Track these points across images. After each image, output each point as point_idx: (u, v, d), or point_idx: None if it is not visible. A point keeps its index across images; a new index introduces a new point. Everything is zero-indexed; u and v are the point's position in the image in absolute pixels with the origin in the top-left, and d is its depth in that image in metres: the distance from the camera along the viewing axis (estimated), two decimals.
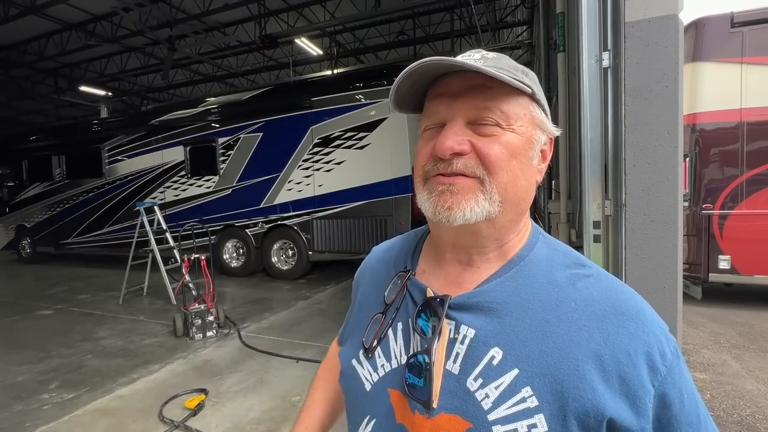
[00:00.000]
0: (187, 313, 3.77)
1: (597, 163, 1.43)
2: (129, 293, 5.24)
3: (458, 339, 0.46)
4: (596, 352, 0.42)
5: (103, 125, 8.03)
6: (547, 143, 0.50)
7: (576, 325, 0.44)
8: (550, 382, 0.42)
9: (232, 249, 6.64)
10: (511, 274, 0.48)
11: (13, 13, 9.17)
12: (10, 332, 4.07)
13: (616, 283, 0.48)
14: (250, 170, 6.24)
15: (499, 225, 0.47)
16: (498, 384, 0.43)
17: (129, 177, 7.25)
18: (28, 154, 8.44)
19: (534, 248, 0.50)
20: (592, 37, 1.39)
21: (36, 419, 2.43)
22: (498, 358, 0.44)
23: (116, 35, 10.46)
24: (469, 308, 0.47)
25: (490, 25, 9.99)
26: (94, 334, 3.95)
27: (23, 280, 6.98)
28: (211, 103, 6.81)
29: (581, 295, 0.45)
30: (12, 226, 8.66)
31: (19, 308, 4.94)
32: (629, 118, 1.33)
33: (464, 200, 0.44)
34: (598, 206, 1.45)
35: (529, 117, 0.47)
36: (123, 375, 3.00)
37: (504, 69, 0.45)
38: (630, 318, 0.44)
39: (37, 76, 13.30)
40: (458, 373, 0.45)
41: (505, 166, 0.45)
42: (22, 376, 3.04)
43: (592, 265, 0.49)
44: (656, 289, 1.35)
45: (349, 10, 9.43)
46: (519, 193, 0.47)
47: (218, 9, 9.39)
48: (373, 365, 0.52)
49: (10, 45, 11.18)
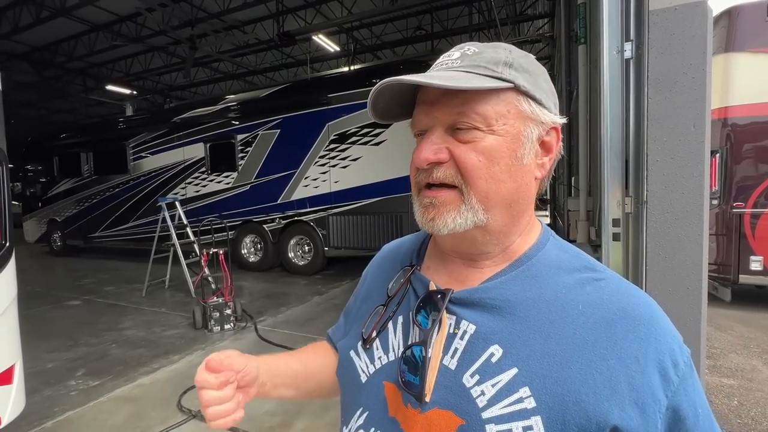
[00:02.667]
0: (206, 306, 3.86)
1: (617, 158, 1.37)
2: (151, 286, 5.41)
3: (458, 334, 0.45)
4: (602, 356, 0.40)
5: (127, 123, 8.30)
6: (551, 134, 0.47)
7: (582, 328, 0.42)
8: (550, 384, 0.40)
9: (250, 244, 6.77)
10: (518, 273, 0.46)
11: (45, 15, 9.56)
12: (42, 321, 4.26)
13: (628, 287, 0.45)
14: (267, 166, 6.33)
15: (494, 230, 0.46)
16: (495, 382, 0.41)
17: (152, 173, 7.47)
18: (58, 151, 8.81)
19: (543, 249, 0.48)
20: (614, 27, 1.34)
21: (63, 404, 2.54)
22: (497, 355, 0.42)
23: (140, 35, 10.76)
24: (471, 304, 0.46)
25: (510, 18, 9.79)
26: (119, 325, 4.10)
27: (54, 271, 7.30)
28: (230, 100, 6.93)
29: (589, 298, 0.43)
30: (44, 220, 9.07)
31: (50, 298, 5.18)
32: (652, 111, 1.27)
33: (446, 212, 0.44)
34: (617, 203, 1.39)
35: (514, 112, 0.44)
36: (144, 364, 3.11)
37: (481, 66, 0.43)
38: (641, 323, 0.41)
39: (67, 76, 13.84)
40: (455, 369, 0.44)
41: (483, 174, 0.43)
42: (52, 363, 3.19)
43: (605, 269, 0.47)
44: (679, 290, 1.29)
45: (366, 6, 9.41)
46: (505, 197, 0.44)
47: (238, 7, 9.53)
48: (370, 357, 0.51)
49: (42, 46, 11.66)
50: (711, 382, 2.77)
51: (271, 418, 2.34)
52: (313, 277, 6.13)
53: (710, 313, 3.32)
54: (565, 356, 0.41)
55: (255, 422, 2.30)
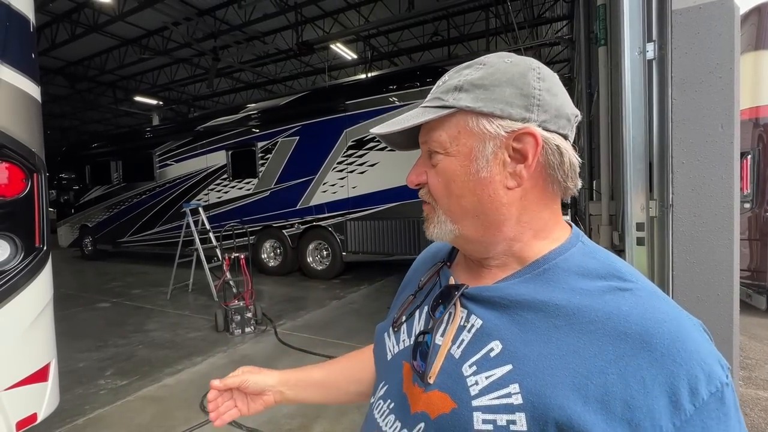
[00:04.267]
0: (228, 309, 3.95)
1: (640, 161, 1.34)
2: (176, 289, 5.57)
3: (467, 327, 0.49)
4: (602, 369, 0.39)
5: (153, 132, 8.62)
6: (522, 139, 0.45)
7: (588, 338, 0.41)
8: (540, 385, 0.41)
9: (269, 249, 6.88)
10: (532, 275, 0.47)
11: (79, 32, 10.08)
12: (74, 322, 4.45)
13: (660, 302, 0.42)
14: (287, 173, 6.44)
15: (472, 238, 0.50)
16: (489, 374, 0.44)
17: (177, 180, 7.72)
18: (90, 160, 9.22)
19: (565, 254, 0.48)
20: (635, 28, 1.32)
21: (94, 402, 2.64)
22: (496, 351, 0.45)
23: (166, 48, 11.20)
24: (482, 301, 0.49)
25: (528, 21, 9.70)
26: (145, 327, 4.24)
27: (85, 274, 7.61)
28: (250, 109, 7.11)
29: (606, 308, 0.41)
30: (77, 225, 9.49)
31: (82, 300, 5.40)
32: (677, 112, 1.24)
33: (429, 224, 0.52)
34: (641, 207, 1.36)
35: (465, 132, 0.47)
36: (169, 366, 3.20)
37: (436, 98, 0.49)
38: (659, 342, 0.38)
39: (99, 89, 14.52)
40: (458, 358, 0.48)
41: (442, 192, 0.50)
42: (83, 362, 3.32)
43: (637, 280, 0.44)
44: (708, 296, 1.24)
45: (383, 14, 9.51)
46: (468, 210, 0.48)
47: (258, 19, 9.80)
48: (397, 339, 0.58)
49: (76, 61, 12.29)
50: (746, 394, 2.63)
51: (290, 421, 2.36)
52: (331, 281, 6.17)
53: (744, 322, 3.16)
54: (563, 362, 0.41)
55: (274, 424, 2.33)
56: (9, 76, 1.59)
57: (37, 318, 1.61)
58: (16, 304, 1.53)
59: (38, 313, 1.62)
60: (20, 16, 1.67)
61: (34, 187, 1.65)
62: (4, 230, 1.51)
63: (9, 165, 1.59)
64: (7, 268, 1.51)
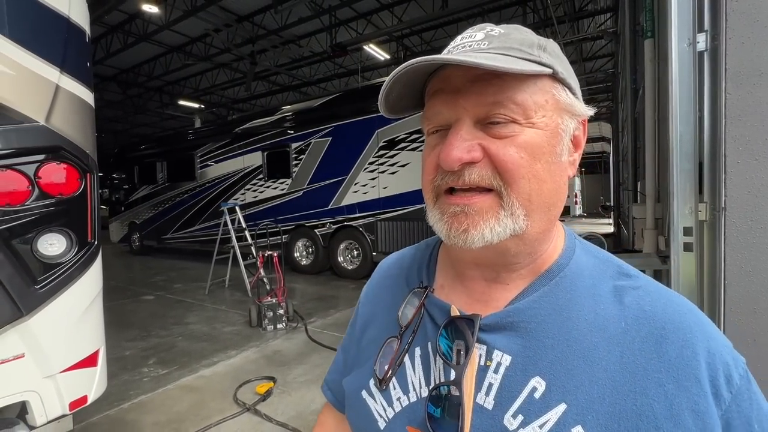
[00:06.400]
0: (261, 306, 4.08)
1: (689, 161, 1.25)
2: (213, 285, 5.82)
3: (491, 367, 0.39)
4: (658, 381, 0.35)
5: (195, 134, 9.05)
6: (579, 128, 0.41)
7: (629, 350, 0.36)
8: (605, 420, 0.34)
9: (302, 248, 7.04)
10: (550, 287, 0.40)
11: (130, 41, 10.78)
12: (121, 313, 4.76)
13: (669, 294, 0.40)
14: (319, 173, 6.57)
15: (530, 239, 0.39)
16: (543, 422, 0.35)
17: (216, 180, 8.07)
18: (138, 161, 9.84)
19: (573, 256, 0.42)
20: (684, 18, 1.23)
21: (137, 389, 2.81)
22: (540, 389, 0.36)
23: (208, 54, 11.74)
24: (502, 329, 0.40)
25: (568, 15, 9.32)
26: (185, 319, 4.46)
27: (132, 269, 8.12)
28: (285, 111, 7.31)
29: (632, 313, 0.38)
30: (126, 222, 10.15)
31: (129, 293, 5.77)
32: (731, 107, 1.15)
33: (482, 221, 0.37)
34: (690, 210, 1.26)
35: (552, 103, 0.38)
36: (206, 358, 3.34)
37: (514, 48, 0.37)
38: (692, 336, 0.36)
39: (147, 94, 15.45)
40: (492, 409, 0.38)
41: (526, 173, 0.37)
42: (129, 351, 3.54)
43: (639, 274, 0.42)
44: (765, 309, 1.14)
45: (416, 13, 9.48)
46: (547, 199, 0.39)
47: (294, 23, 10.05)
48: (387, 398, 0.44)
49: (127, 69, 13.15)
50: None
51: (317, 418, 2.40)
52: (361, 281, 6.22)
53: None
54: (616, 385, 0.35)
55: (303, 419, 2.38)
56: (67, 84, 1.72)
57: (88, 307, 1.74)
58: (71, 294, 1.65)
59: (89, 303, 1.75)
60: (78, 29, 1.80)
61: (88, 186, 1.78)
62: (61, 226, 1.64)
63: (67, 166, 1.73)
64: (63, 261, 1.63)
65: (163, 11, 9.26)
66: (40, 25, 1.63)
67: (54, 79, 1.63)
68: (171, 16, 9.43)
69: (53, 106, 1.63)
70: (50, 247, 1.61)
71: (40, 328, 1.56)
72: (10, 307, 1.49)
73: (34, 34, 1.58)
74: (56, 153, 1.64)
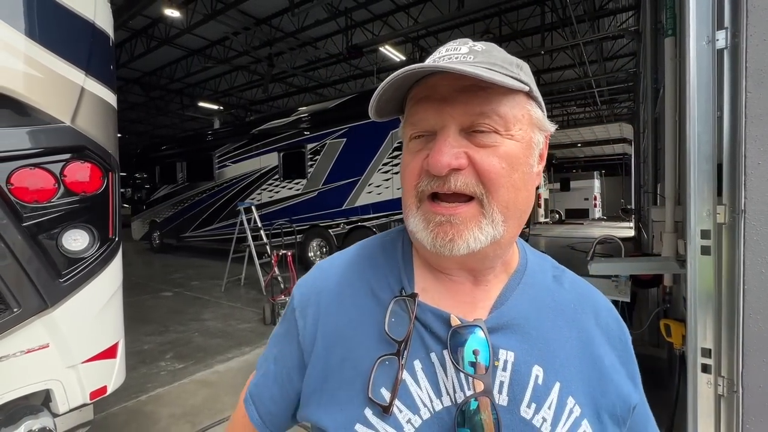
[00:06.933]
0: (275, 304, 4.14)
1: (707, 161, 1.21)
2: (229, 282, 5.94)
3: (499, 366, 0.41)
4: (601, 345, 0.46)
5: (214, 135, 9.26)
6: (544, 143, 0.45)
7: (581, 325, 0.46)
8: (583, 387, 0.43)
9: (316, 247, 7.11)
10: (522, 286, 0.47)
11: (153, 45, 11.11)
12: (141, 308, 4.90)
13: (580, 278, 0.52)
14: (334, 174, 6.62)
15: (505, 244, 0.43)
16: (549, 403, 0.41)
17: (233, 180, 8.22)
18: (159, 161, 10.12)
19: (526, 257, 0.50)
20: (703, 14, 1.19)
21: (155, 382, 2.89)
22: (541, 376, 0.42)
23: (227, 56, 11.99)
24: (501, 329, 0.43)
25: (588, 14, 9.14)
26: (201, 316, 4.56)
27: (153, 266, 8.36)
28: (301, 112, 7.40)
29: (571, 295, 0.48)
30: (147, 220, 10.45)
31: (149, 289, 5.94)
32: (752, 107, 1.11)
33: (466, 230, 0.39)
34: (708, 213, 1.23)
35: (527, 117, 0.42)
36: (221, 353, 3.42)
37: (497, 65, 0.40)
38: (608, 305, 0.49)
39: (168, 96, 15.88)
40: (508, 404, 0.40)
41: (505, 182, 0.39)
42: (147, 345, 3.65)
43: (561, 266, 0.52)
44: None
45: (432, 14, 9.46)
46: (522, 206, 0.42)
47: (310, 25, 10.17)
48: (394, 425, 0.39)
49: (150, 71, 13.56)
50: None
51: None
52: None
53: None
54: (582, 356, 0.44)
55: None
56: (92, 86, 1.79)
57: (108, 301, 1.80)
58: (92, 287, 1.72)
59: (110, 297, 1.81)
60: (103, 33, 1.88)
61: (110, 184, 1.85)
62: (84, 222, 1.71)
63: (90, 165, 1.80)
64: (86, 256, 1.70)
65: (185, 15, 9.51)
66: (68, 30, 1.71)
67: (79, 81, 1.70)
68: (192, 19, 9.68)
69: (78, 107, 1.70)
70: (74, 243, 1.68)
71: (63, 319, 1.63)
72: (37, 299, 1.56)
73: (61, 38, 1.66)
74: (81, 152, 1.71)
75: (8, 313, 1.50)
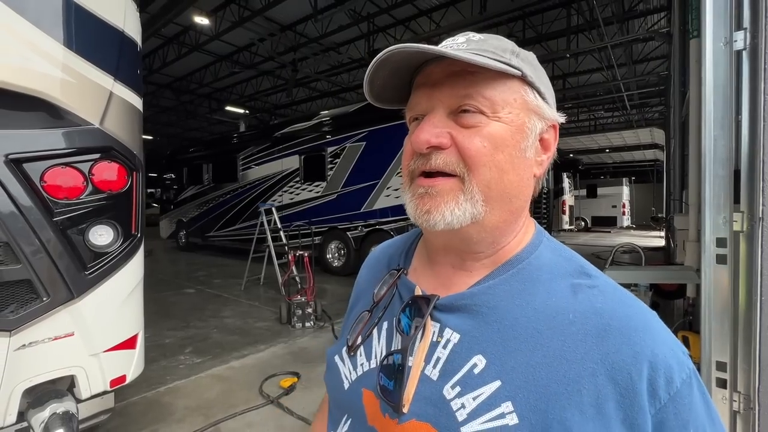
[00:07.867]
0: (291, 304, 4.21)
1: (723, 167, 1.17)
2: (249, 281, 6.08)
3: (441, 342, 0.43)
4: (592, 372, 0.37)
5: (238, 138, 9.53)
6: (549, 131, 0.45)
7: (571, 340, 0.39)
8: (535, 400, 0.37)
9: (334, 249, 7.18)
10: (507, 276, 0.44)
11: (184, 51, 11.59)
12: (165, 304, 5.09)
13: (624, 296, 0.42)
14: (353, 177, 6.69)
15: (489, 227, 0.43)
16: (477, 395, 0.39)
17: (256, 182, 8.44)
18: (187, 163, 10.51)
19: (536, 251, 0.45)
20: (720, 15, 1.16)
21: (173, 375, 3.00)
22: (480, 366, 0.40)
23: (253, 62, 12.35)
24: (456, 310, 0.43)
25: (616, 16, 8.88)
26: (220, 313, 4.70)
27: (178, 263, 8.66)
28: (322, 116, 7.53)
29: (581, 307, 0.40)
30: (174, 220, 10.85)
31: (173, 286, 6.16)
32: None
33: (443, 203, 0.40)
34: (724, 220, 1.18)
35: (520, 102, 0.42)
36: (237, 350, 3.51)
37: (489, 51, 0.41)
38: (635, 334, 0.38)
39: (198, 100, 16.49)
40: (436, 379, 0.42)
41: (487, 161, 0.40)
42: (168, 339, 3.79)
43: (599, 275, 0.44)
44: None
45: (454, 18, 9.44)
46: (507, 189, 0.42)
47: (333, 31, 10.34)
48: (353, 363, 0.49)
49: (181, 77, 14.12)
50: None
51: None
52: None
53: None
54: (552, 370, 0.38)
55: None
56: (120, 90, 1.90)
57: (130, 294, 1.90)
58: (115, 280, 1.81)
59: (131, 290, 1.90)
60: (131, 41, 1.99)
61: (134, 183, 1.95)
62: (109, 218, 1.80)
63: (117, 164, 1.90)
64: (110, 251, 1.80)
65: (214, 23, 9.87)
66: (100, 38, 1.82)
67: (108, 86, 1.81)
68: (220, 27, 10.03)
69: (107, 110, 1.81)
70: (99, 238, 1.78)
71: (87, 310, 1.72)
72: (64, 290, 1.66)
73: (94, 46, 1.77)
74: (108, 153, 1.81)
75: (38, 302, 1.61)
